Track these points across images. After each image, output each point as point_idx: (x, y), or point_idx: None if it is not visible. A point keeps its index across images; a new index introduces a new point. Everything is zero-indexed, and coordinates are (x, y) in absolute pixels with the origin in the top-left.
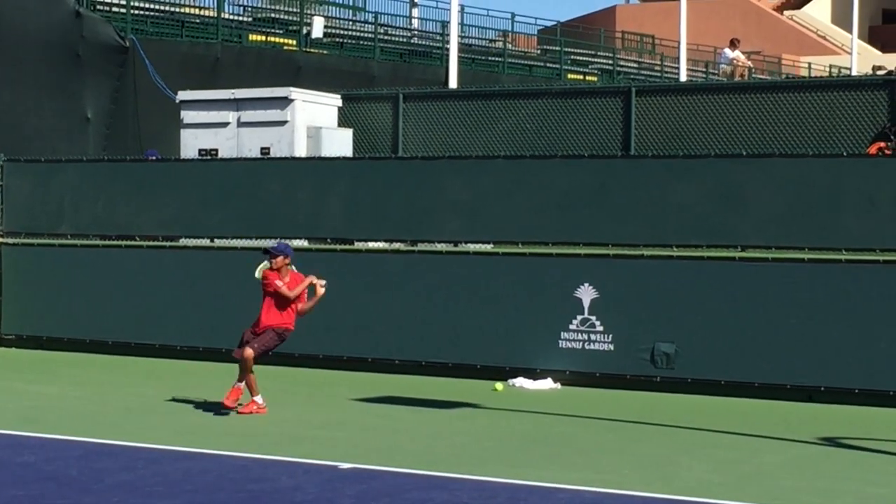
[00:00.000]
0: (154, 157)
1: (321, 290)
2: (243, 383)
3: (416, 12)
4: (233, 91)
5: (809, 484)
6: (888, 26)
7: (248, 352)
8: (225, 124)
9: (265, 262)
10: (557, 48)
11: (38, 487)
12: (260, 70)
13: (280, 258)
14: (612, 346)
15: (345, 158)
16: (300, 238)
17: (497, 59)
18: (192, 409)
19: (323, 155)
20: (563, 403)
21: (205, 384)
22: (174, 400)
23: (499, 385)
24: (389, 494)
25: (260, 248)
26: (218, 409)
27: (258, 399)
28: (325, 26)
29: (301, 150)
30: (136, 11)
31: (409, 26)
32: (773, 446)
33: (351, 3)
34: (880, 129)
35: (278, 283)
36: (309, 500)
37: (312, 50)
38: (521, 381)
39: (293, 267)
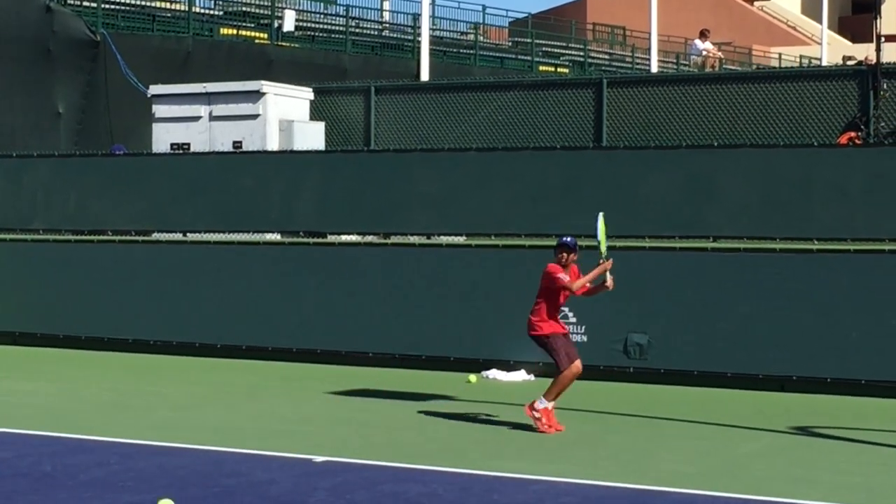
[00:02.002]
0: (121, 152)
1: (610, 285)
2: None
3: (387, 5)
4: (204, 85)
5: (782, 473)
6: (858, 17)
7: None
8: (197, 118)
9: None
10: (529, 40)
11: (11, 484)
12: (231, 64)
13: (574, 254)
14: (585, 338)
15: (317, 152)
16: (273, 231)
17: (469, 51)
18: (166, 404)
19: (295, 148)
20: (537, 395)
21: (178, 378)
22: (148, 395)
23: (472, 377)
24: (364, 487)
25: (232, 242)
26: (190, 403)
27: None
28: (297, 20)
29: (273, 144)
30: (107, 6)
31: (380, 19)
32: (746, 436)
33: None
34: (850, 119)
35: (562, 276)
36: (283, 494)
37: (284, 43)
38: (494, 373)
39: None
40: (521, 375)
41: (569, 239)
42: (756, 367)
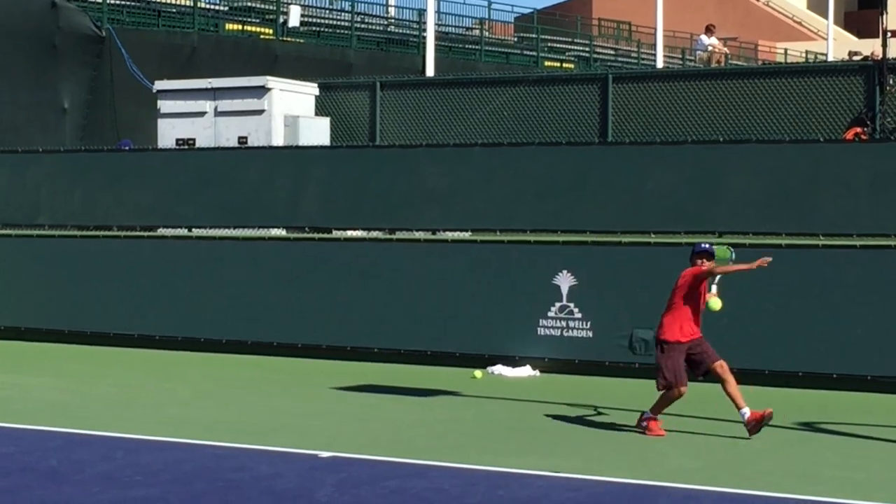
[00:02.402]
0: (128, 148)
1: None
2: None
3: (392, 0)
4: (210, 80)
5: (788, 469)
6: (864, 12)
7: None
8: (202, 114)
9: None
10: (534, 36)
11: (18, 478)
12: (237, 59)
13: (710, 263)
14: (590, 333)
15: (322, 147)
16: (278, 227)
17: (474, 47)
18: (171, 400)
19: (300, 144)
20: (542, 390)
21: (184, 374)
22: (153, 390)
23: (478, 373)
24: (369, 483)
25: (237, 238)
26: (195, 399)
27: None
28: (302, 15)
29: (278, 139)
30: (113, 1)
31: (385, 14)
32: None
33: None
34: (856, 114)
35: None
36: (288, 489)
37: (289, 39)
38: (499, 369)
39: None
40: (526, 371)
41: (707, 245)
42: (761, 362)
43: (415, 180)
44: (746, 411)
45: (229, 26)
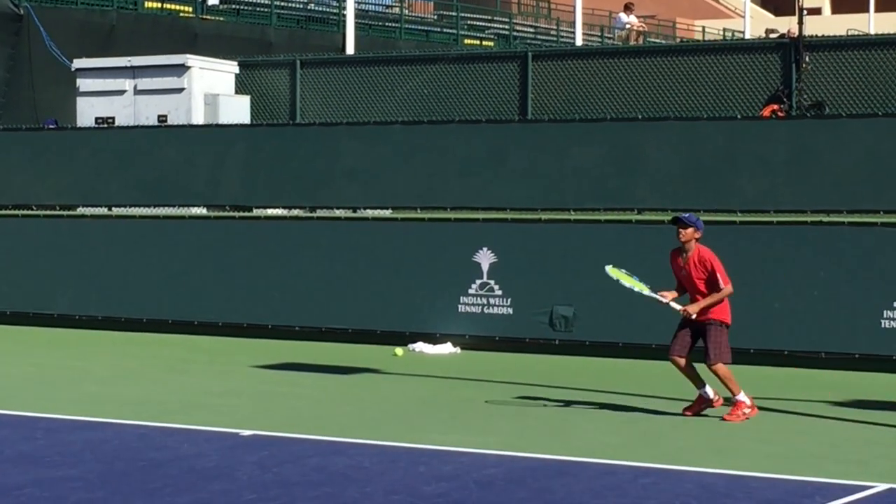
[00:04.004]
0: (53, 126)
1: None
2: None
3: None
4: (129, 59)
5: (705, 443)
6: None
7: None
8: (121, 92)
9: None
10: (454, 13)
11: None
12: (156, 37)
13: (690, 230)
14: (510, 310)
15: (242, 125)
16: (198, 205)
17: (394, 24)
18: (92, 379)
19: (220, 122)
20: (463, 367)
21: (104, 353)
22: (73, 370)
23: (399, 350)
24: (291, 460)
25: (158, 217)
26: (115, 378)
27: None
28: None
29: (198, 118)
30: None
31: None
32: (670, 407)
33: None
34: (773, 91)
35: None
36: (210, 467)
37: (209, 17)
38: (420, 346)
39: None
40: (447, 348)
41: (686, 215)
42: None
43: (335, 159)
44: (709, 390)
45: (148, 4)
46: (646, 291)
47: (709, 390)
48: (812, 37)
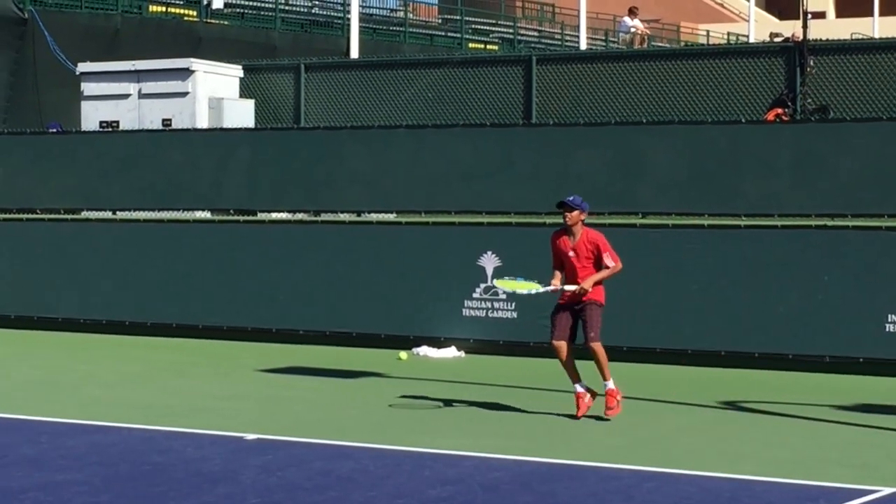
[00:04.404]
0: (55, 130)
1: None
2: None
3: None
4: (133, 63)
5: (710, 447)
6: None
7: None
8: (126, 96)
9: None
10: (458, 17)
11: None
12: (161, 41)
13: (576, 213)
14: (514, 314)
15: (246, 129)
16: (202, 209)
17: (398, 28)
18: (96, 383)
19: (225, 126)
20: (467, 372)
21: (108, 357)
22: (77, 373)
23: (403, 354)
24: (295, 464)
25: (162, 220)
26: (120, 382)
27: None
28: None
29: (203, 122)
30: None
31: None
32: (674, 411)
33: None
34: (777, 95)
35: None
36: (214, 471)
37: (213, 21)
38: (425, 350)
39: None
40: (451, 352)
41: (570, 198)
42: (684, 342)
43: (339, 162)
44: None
45: (153, 8)
46: (540, 289)
47: (581, 387)
48: (816, 40)
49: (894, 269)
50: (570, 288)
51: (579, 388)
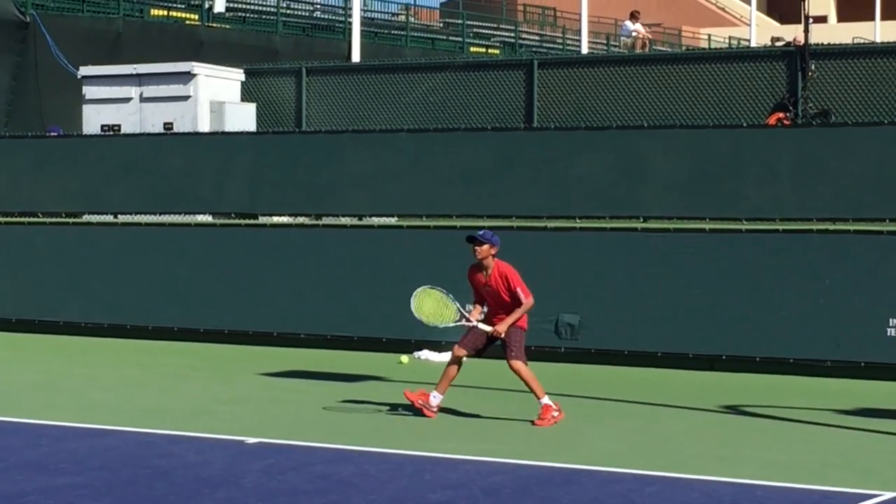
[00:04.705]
0: (56, 134)
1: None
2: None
3: None
4: (135, 66)
5: (711, 451)
6: None
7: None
8: (127, 100)
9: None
10: (460, 21)
11: None
12: (162, 45)
13: (486, 247)
14: None
15: (248, 133)
16: (204, 213)
17: (400, 32)
18: (97, 386)
19: (226, 130)
20: (468, 375)
21: (110, 360)
22: (79, 377)
23: (404, 358)
24: (296, 468)
25: (163, 224)
26: (121, 385)
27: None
28: (227, 1)
29: (204, 125)
30: None
31: (311, 0)
32: (675, 415)
33: None
34: (779, 99)
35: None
36: (215, 475)
37: (215, 24)
38: (426, 354)
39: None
40: None
41: (480, 232)
42: (686, 346)
43: (341, 166)
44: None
45: (154, 12)
46: (450, 324)
47: (434, 399)
48: (818, 45)
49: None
50: (483, 328)
51: (434, 399)
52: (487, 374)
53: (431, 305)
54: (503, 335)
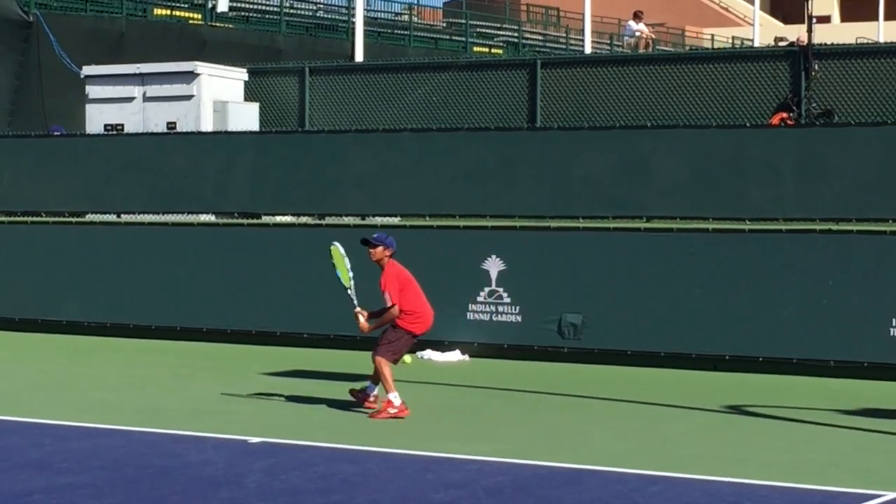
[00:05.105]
0: (59, 133)
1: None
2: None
3: None
4: (138, 66)
5: (714, 451)
6: None
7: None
8: (130, 99)
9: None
10: (463, 21)
11: None
12: (165, 44)
13: (379, 249)
14: (519, 318)
15: (251, 133)
16: (207, 212)
17: (403, 32)
18: (100, 386)
19: (229, 129)
20: (472, 375)
21: (112, 360)
22: (82, 376)
23: (407, 357)
24: (298, 468)
25: (166, 223)
26: (124, 385)
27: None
28: (231, 0)
29: (207, 125)
30: None
31: (314, 0)
32: (678, 415)
33: None
34: (782, 99)
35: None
36: (218, 475)
37: (218, 24)
38: (429, 354)
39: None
40: (455, 356)
41: (375, 236)
42: (689, 346)
43: (344, 166)
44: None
45: (157, 11)
46: (349, 289)
47: (371, 390)
48: (821, 45)
49: None
50: (360, 315)
51: (370, 389)
52: (490, 375)
53: (342, 266)
54: (367, 332)
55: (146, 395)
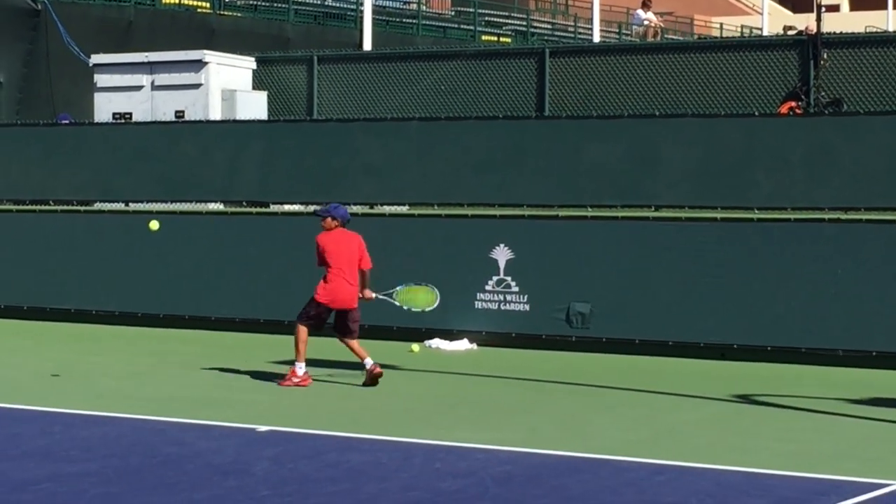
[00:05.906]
0: (67, 122)
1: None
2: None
3: None
4: (146, 54)
5: (722, 440)
6: None
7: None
8: (139, 88)
9: None
10: (471, 10)
11: None
12: (174, 33)
13: (328, 220)
14: (527, 307)
15: (260, 121)
16: (215, 201)
17: (411, 21)
18: (108, 374)
19: (238, 118)
20: (480, 364)
21: (121, 348)
22: (90, 365)
23: (415, 346)
24: (307, 456)
25: (175, 212)
26: (133, 373)
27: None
28: None
29: (216, 114)
30: None
31: None
32: (686, 404)
33: None
34: (791, 88)
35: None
36: (226, 463)
37: (226, 13)
38: (437, 342)
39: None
40: (463, 344)
41: (321, 208)
42: (697, 335)
43: (352, 154)
44: (369, 361)
45: (166, 0)
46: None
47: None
48: (830, 34)
49: None
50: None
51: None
52: (498, 364)
53: (423, 296)
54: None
55: (154, 383)
